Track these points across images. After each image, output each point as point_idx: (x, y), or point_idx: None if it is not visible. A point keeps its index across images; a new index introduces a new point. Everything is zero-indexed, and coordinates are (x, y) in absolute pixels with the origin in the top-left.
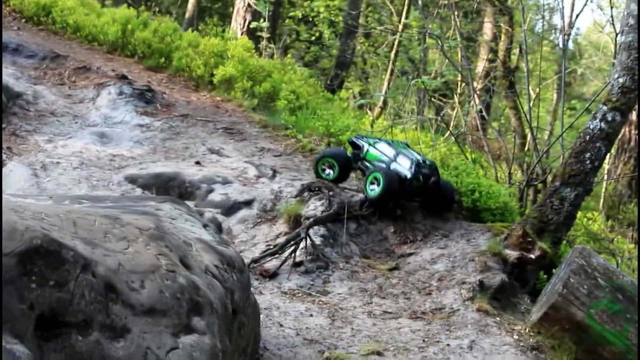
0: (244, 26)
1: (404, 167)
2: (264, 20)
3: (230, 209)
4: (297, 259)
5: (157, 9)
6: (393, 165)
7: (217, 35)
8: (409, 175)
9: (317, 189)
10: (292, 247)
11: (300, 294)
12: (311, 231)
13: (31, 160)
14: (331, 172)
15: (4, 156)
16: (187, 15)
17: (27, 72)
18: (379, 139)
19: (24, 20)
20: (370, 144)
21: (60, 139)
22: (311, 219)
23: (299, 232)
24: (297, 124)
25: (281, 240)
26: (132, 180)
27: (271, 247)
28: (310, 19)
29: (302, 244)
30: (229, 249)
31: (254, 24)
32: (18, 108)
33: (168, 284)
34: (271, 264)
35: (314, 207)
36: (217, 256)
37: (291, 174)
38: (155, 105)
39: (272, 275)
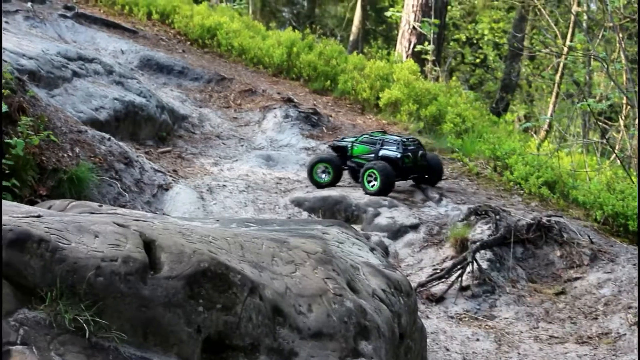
0: (409, 49)
1: (391, 149)
2: (429, 43)
3: (397, 232)
4: (464, 283)
5: (322, 32)
6: (381, 152)
7: (382, 58)
8: (398, 156)
9: (483, 212)
10: (459, 271)
11: (466, 318)
12: (478, 255)
13: (197, 183)
14: (326, 176)
15: (170, 179)
16: (351, 37)
17: (192, 95)
18: (356, 138)
19: (189, 43)
20: (352, 142)
21: (226, 162)
22: (478, 243)
23: (466, 256)
24: (463, 147)
25: (448, 264)
26: (298, 203)
27: (438, 271)
28: (475, 42)
29: (468, 268)
30: (396, 273)
31: (419, 47)
32: (184, 131)
33: (335, 307)
34: (438, 288)
35: (481, 230)
36: (384, 280)
37: (457, 197)
38: (321, 129)
39: (439, 299)
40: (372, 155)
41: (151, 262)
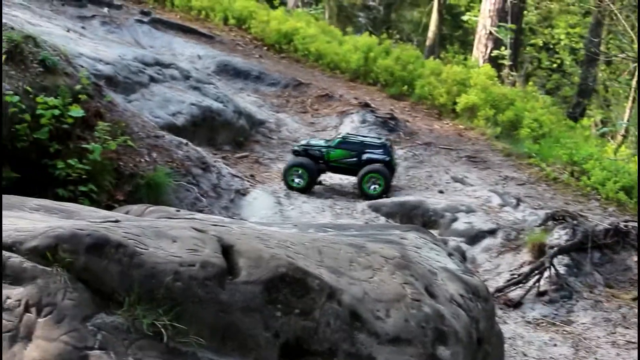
0: (485, 54)
1: (377, 153)
2: (506, 48)
3: (474, 237)
4: (541, 288)
5: (399, 37)
6: (365, 156)
7: (458, 63)
8: (388, 158)
9: (561, 217)
10: (536, 277)
11: (544, 324)
12: (555, 260)
13: (275, 188)
14: (301, 180)
15: (247, 184)
16: (428, 42)
17: (269, 100)
18: (328, 141)
19: (265, 48)
20: (327, 147)
21: None
22: (555, 248)
23: (543, 261)
24: (540, 153)
25: (525, 269)
26: (375, 208)
27: (515, 276)
28: (552, 47)
29: (546, 273)
30: (474, 278)
31: (495, 52)
32: (261, 136)
33: (413, 312)
34: (515, 293)
35: (558, 235)
36: (462, 285)
37: (535, 202)
38: (398, 134)
39: (516, 304)
40: (355, 159)
41: (229, 267)
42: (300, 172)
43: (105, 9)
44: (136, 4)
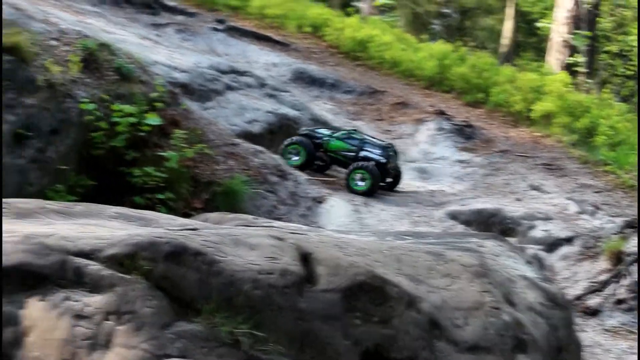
0: (560, 61)
1: (375, 153)
2: (580, 55)
3: (552, 245)
4: (620, 296)
5: (473, 44)
6: (363, 153)
7: (533, 70)
8: (383, 160)
9: (638, 225)
10: (615, 284)
11: (622, 332)
12: (633, 268)
13: (352, 196)
14: (297, 157)
15: (325, 191)
16: (502, 49)
17: (345, 108)
18: (330, 130)
19: (340, 55)
20: (329, 136)
21: None
22: (633, 256)
23: (621, 269)
24: (617, 160)
25: (603, 277)
26: (453, 216)
27: (593, 284)
28: (626, 54)
29: (624, 281)
30: (552, 286)
31: (570, 59)
32: None
33: (492, 320)
34: (593, 301)
35: (635, 243)
36: (540, 293)
37: (612, 210)
38: (474, 141)
39: (594, 312)
40: (352, 154)
41: (308, 275)
42: (298, 149)
43: (180, 17)
44: (211, 12)
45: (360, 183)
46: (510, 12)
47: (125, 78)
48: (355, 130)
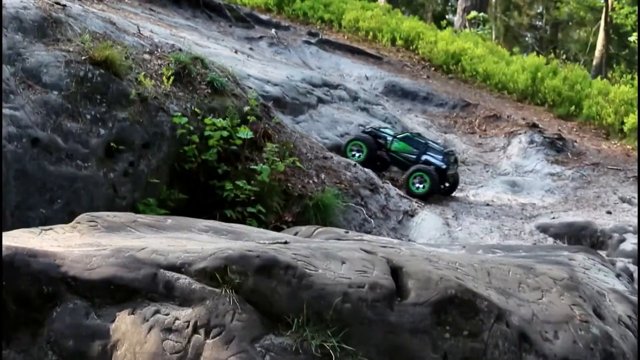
0: None
1: (437, 158)
2: None
3: None
4: None
5: (565, 56)
6: (424, 157)
7: (626, 83)
8: (444, 166)
9: None
10: None
11: None
12: None
13: (442, 209)
14: (360, 154)
15: (415, 205)
16: (594, 62)
17: (437, 121)
18: (397, 133)
19: (433, 68)
20: (393, 136)
21: (472, 188)
22: None
23: None
24: None
25: None
26: (543, 229)
27: None
28: None
29: None
30: None
31: None
32: None
33: (582, 334)
34: None
35: None
36: (630, 306)
37: None
38: (566, 154)
39: None
40: (414, 156)
41: (398, 288)
42: (361, 146)
43: (273, 30)
44: (304, 25)
45: (419, 185)
46: (602, 24)
47: (218, 92)
48: (419, 134)
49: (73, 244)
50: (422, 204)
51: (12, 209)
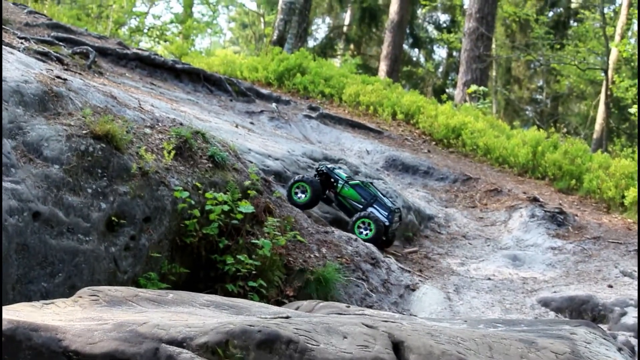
0: None
1: (382, 213)
2: None
3: None
4: None
5: (565, 130)
6: (370, 209)
7: (627, 157)
8: (387, 223)
9: None
10: None
11: None
12: None
13: (444, 283)
14: (303, 195)
15: (417, 279)
16: (595, 135)
17: (438, 195)
18: (350, 177)
19: (433, 142)
20: (344, 181)
21: (473, 262)
22: None
23: None
24: None
25: None
26: (545, 303)
27: None
28: None
29: None
30: None
31: None
32: (430, 231)
33: None
34: None
35: None
36: None
37: None
38: (567, 228)
39: None
40: (361, 206)
41: None
42: (305, 187)
43: (274, 105)
44: (304, 100)
45: (363, 232)
46: (602, 97)
47: (219, 166)
48: (371, 183)
49: (75, 318)
50: (424, 278)
51: (14, 283)
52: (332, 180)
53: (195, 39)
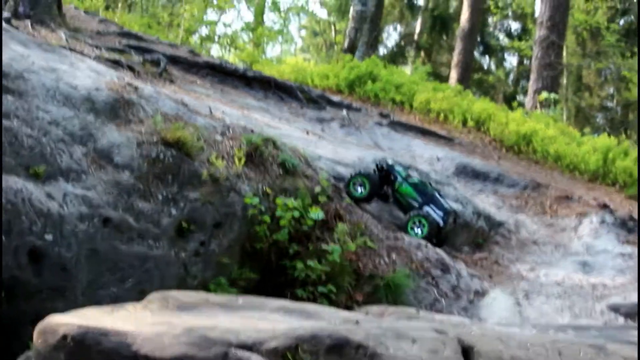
0: None
1: (437, 214)
2: None
3: None
4: None
5: (636, 137)
6: (426, 208)
7: None
8: (441, 224)
9: None
10: None
11: None
12: None
13: (513, 289)
14: (362, 189)
15: (486, 285)
16: None
17: (508, 202)
18: (409, 175)
19: (504, 149)
20: (403, 178)
21: (542, 268)
22: None
23: None
24: None
25: None
26: (615, 309)
27: None
28: None
29: None
30: None
31: None
32: (500, 237)
33: None
34: None
35: None
36: None
37: None
38: (637, 234)
39: None
40: (417, 203)
41: None
42: (363, 182)
43: (344, 112)
44: (375, 107)
45: (416, 230)
46: None
47: (290, 172)
48: (430, 183)
49: (144, 322)
50: (493, 283)
51: (84, 288)
52: (392, 176)
53: (267, 46)
